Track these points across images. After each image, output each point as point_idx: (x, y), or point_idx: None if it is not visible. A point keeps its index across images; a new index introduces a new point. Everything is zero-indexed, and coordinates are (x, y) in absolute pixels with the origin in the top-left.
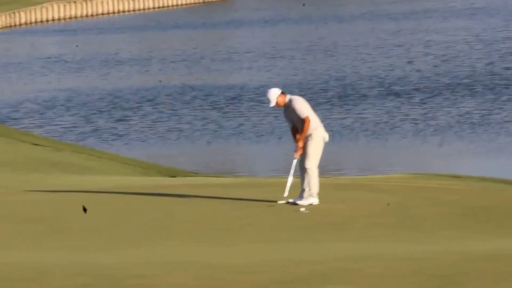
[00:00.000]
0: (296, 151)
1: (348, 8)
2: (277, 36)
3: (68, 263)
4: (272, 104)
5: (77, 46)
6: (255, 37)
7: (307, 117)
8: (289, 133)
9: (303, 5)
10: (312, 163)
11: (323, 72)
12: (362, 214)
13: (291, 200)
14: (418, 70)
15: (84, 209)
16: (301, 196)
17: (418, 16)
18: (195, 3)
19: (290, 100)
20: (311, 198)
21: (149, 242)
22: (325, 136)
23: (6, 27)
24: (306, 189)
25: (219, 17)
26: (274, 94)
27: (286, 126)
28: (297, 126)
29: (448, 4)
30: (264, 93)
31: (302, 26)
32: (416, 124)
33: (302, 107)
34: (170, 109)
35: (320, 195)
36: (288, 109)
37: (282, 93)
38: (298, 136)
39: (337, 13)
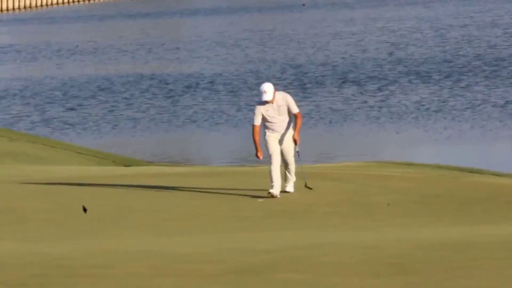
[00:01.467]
0: (257, 153)
1: None
2: (231, 25)
3: (22, 253)
4: (269, 97)
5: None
6: (209, 26)
7: (299, 112)
8: (248, 129)
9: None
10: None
11: (278, 61)
12: (318, 203)
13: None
14: (374, 58)
15: (84, 209)
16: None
17: (372, 4)
18: None
19: (280, 95)
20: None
21: (104, 232)
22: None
23: None
24: (293, 178)
25: (173, 6)
26: (272, 88)
27: (240, 115)
28: (277, 122)
29: None
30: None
31: (256, 15)
32: (372, 111)
33: (294, 102)
34: (125, 98)
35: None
36: (278, 103)
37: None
38: (276, 132)
39: (291, 2)
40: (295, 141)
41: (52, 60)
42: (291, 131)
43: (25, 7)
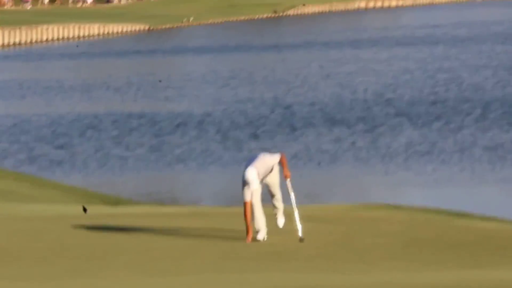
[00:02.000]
0: (248, 234)
1: (289, 37)
2: (220, 64)
3: None
4: (255, 186)
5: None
6: (198, 65)
7: (282, 153)
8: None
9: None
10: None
11: (267, 100)
12: (305, 245)
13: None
14: (363, 99)
15: (84, 209)
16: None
17: (361, 45)
18: (140, 31)
19: (261, 164)
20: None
21: (94, 272)
22: None
23: None
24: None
25: (164, 44)
26: (254, 174)
27: (230, 155)
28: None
29: (391, 34)
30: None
31: (246, 54)
32: (361, 153)
33: (269, 156)
34: (113, 136)
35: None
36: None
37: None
38: (283, 169)
39: (279, 42)
40: (286, 177)
41: (40, 97)
42: (274, 170)
43: (14, 44)
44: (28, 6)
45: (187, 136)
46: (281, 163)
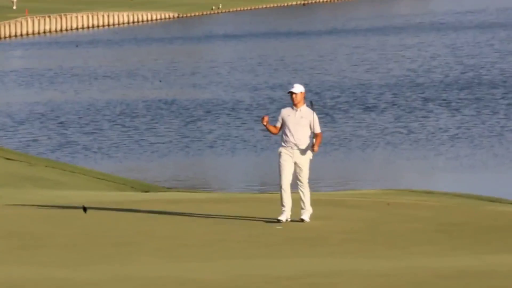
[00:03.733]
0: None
1: (318, 25)
2: (250, 51)
3: (40, 278)
4: (297, 90)
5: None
6: (226, 52)
7: (321, 133)
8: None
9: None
10: (307, 183)
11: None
12: (336, 230)
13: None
14: (394, 84)
15: (84, 209)
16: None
17: (389, 31)
18: (169, 18)
19: (307, 109)
20: (307, 212)
21: (123, 258)
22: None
23: None
24: (309, 210)
25: (193, 32)
26: (301, 88)
27: (260, 141)
28: (295, 133)
29: (419, 20)
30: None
31: (275, 41)
32: (392, 138)
33: (318, 123)
34: (144, 123)
35: (295, 211)
36: (301, 114)
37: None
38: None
39: (308, 29)
40: (313, 150)
41: (70, 85)
42: (308, 153)
43: (44, 32)
44: None
45: (217, 122)
46: (316, 137)
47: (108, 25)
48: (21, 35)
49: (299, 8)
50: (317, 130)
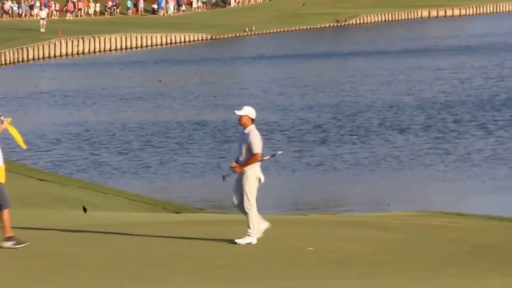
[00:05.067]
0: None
1: (351, 46)
2: (283, 72)
3: None
4: (240, 112)
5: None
6: (262, 73)
7: (258, 154)
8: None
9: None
10: (251, 203)
11: (330, 108)
12: (368, 252)
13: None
14: (427, 106)
15: (84, 209)
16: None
17: (422, 53)
18: (202, 40)
19: (250, 130)
20: (248, 238)
21: (156, 279)
22: (261, 176)
23: (14, 62)
24: (249, 229)
25: (226, 53)
26: (249, 109)
27: (294, 162)
28: (240, 157)
29: (452, 42)
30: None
31: (308, 63)
32: (425, 160)
33: (258, 141)
34: (177, 143)
35: (328, 233)
36: (245, 135)
37: (252, 119)
38: (237, 163)
39: (341, 50)
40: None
41: (103, 105)
42: (247, 175)
43: (77, 53)
44: (71, 17)
45: None
46: (250, 157)
47: (141, 46)
48: (55, 56)
49: (332, 30)
50: (255, 150)
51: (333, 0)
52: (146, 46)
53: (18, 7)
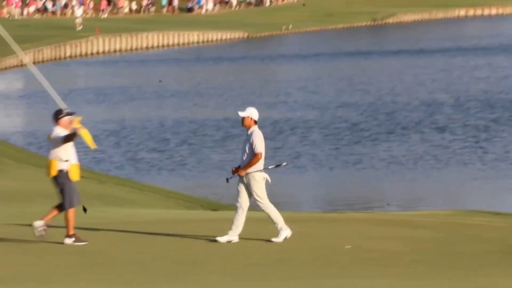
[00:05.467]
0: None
1: (387, 45)
2: (319, 70)
3: None
4: (243, 114)
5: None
6: (298, 71)
7: (260, 153)
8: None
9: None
10: (265, 203)
11: (366, 106)
12: (404, 251)
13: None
14: (465, 106)
15: (84, 209)
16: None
17: (458, 52)
18: (239, 38)
19: (253, 130)
20: (282, 232)
21: (190, 276)
22: (267, 176)
23: (52, 60)
24: (277, 225)
25: (263, 51)
26: (252, 110)
27: (331, 160)
28: (244, 157)
29: (489, 41)
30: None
31: (345, 61)
32: (462, 158)
33: (260, 141)
34: (215, 140)
35: (364, 231)
36: (248, 136)
37: (255, 121)
38: (238, 169)
39: (377, 49)
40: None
41: (141, 103)
42: (255, 178)
43: (114, 51)
44: (105, 14)
45: (288, 141)
46: (252, 157)
47: (178, 44)
48: (92, 54)
49: (369, 29)
50: (256, 149)
51: (371, 0)
52: (183, 44)
53: (53, 5)
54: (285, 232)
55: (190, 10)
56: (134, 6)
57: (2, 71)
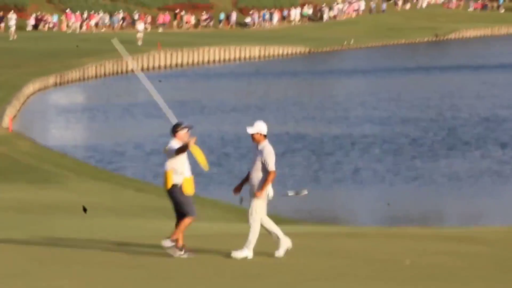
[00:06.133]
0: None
1: (449, 61)
2: (380, 86)
3: None
4: (251, 131)
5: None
6: (359, 87)
7: (274, 172)
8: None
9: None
10: (255, 219)
11: (426, 121)
12: (463, 266)
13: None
14: None
15: (84, 209)
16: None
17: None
18: (300, 53)
19: (264, 146)
20: (246, 250)
21: None
22: (270, 193)
23: (114, 73)
24: (247, 243)
25: (325, 66)
26: (260, 125)
27: (391, 175)
28: (254, 173)
29: None
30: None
31: (405, 77)
32: None
33: (272, 159)
34: (276, 155)
35: (423, 246)
36: (258, 152)
37: (265, 135)
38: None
39: (438, 65)
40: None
41: (201, 117)
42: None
43: (176, 65)
44: (160, 29)
45: (348, 156)
46: (267, 175)
47: (240, 59)
48: (153, 68)
49: (430, 44)
50: (270, 168)
51: (432, 15)
52: (244, 58)
53: (110, 19)
54: (247, 253)
55: (246, 25)
56: (193, 20)
57: (65, 85)
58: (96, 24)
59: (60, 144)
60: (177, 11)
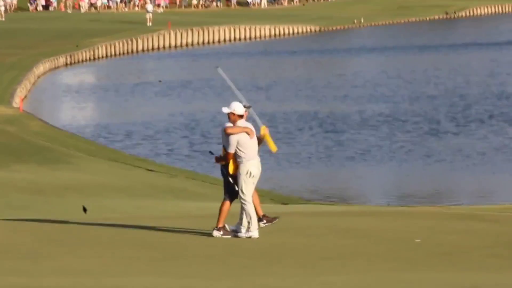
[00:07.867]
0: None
1: (459, 39)
2: (391, 64)
3: None
4: (226, 110)
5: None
6: (370, 65)
7: (231, 154)
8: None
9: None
10: (245, 196)
11: (437, 98)
12: (476, 245)
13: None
14: None
15: (84, 209)
16: (241, 228)
17: None
18: (310, 32)
19: (237, 125)
20: (251, 231)
21: (262, 269)
22: (252, 170)
23: (124, 53)
24: (248, 222)
25: (335, 45)
26: (234, 105)
27: (400, 152)
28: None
29: None
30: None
31: (416, 54)
32: None
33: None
34: (282, 133)
35: (434, 225)
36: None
37: (240, 116)
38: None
39: (449, 43)
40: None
41: (211, 96)
42: (239, 170)
43: (186, 45)
44: (161, 9)
45: (359, 134)
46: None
47: (250, 38)
48: (164, 47)
49: (441, 22)
50: (227, 149)
51: None
52: (255, 37)
53: (108, 0)
54: (251, 233)
55: (248, 4)
56: (194, 0)
57: (75, 65)
58: (92, 5)
59: (70, 124)
60: None
